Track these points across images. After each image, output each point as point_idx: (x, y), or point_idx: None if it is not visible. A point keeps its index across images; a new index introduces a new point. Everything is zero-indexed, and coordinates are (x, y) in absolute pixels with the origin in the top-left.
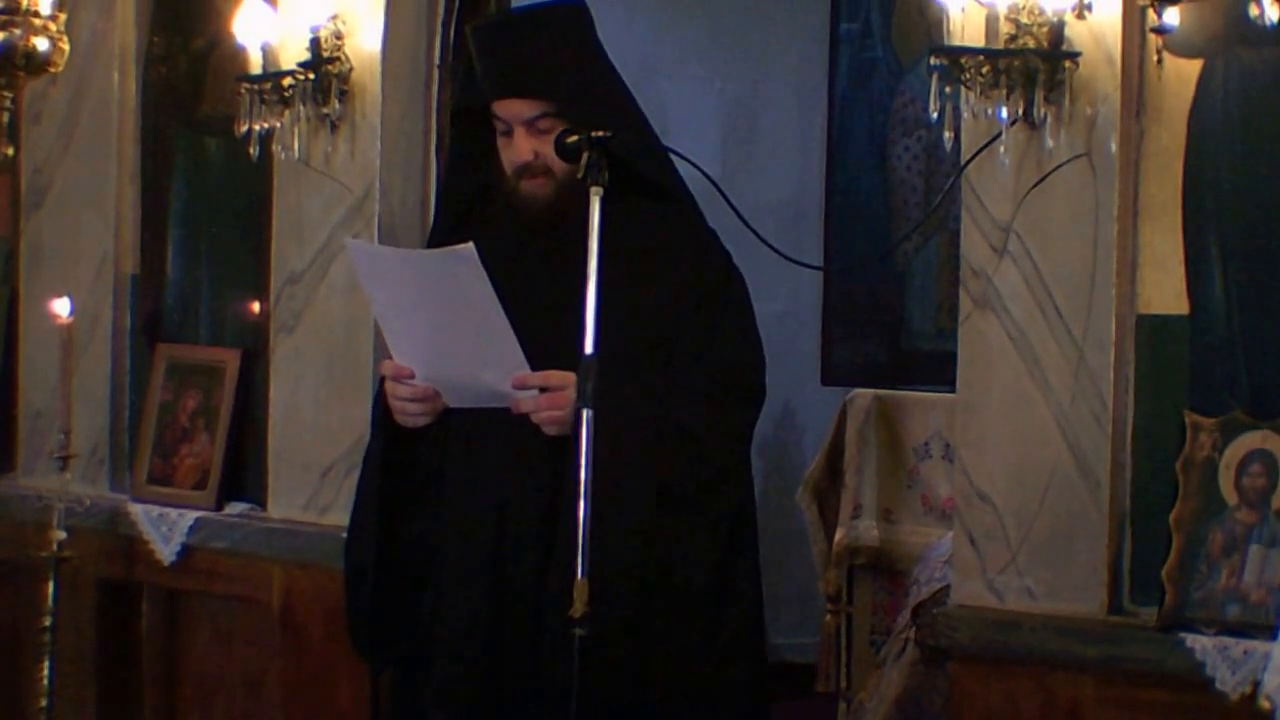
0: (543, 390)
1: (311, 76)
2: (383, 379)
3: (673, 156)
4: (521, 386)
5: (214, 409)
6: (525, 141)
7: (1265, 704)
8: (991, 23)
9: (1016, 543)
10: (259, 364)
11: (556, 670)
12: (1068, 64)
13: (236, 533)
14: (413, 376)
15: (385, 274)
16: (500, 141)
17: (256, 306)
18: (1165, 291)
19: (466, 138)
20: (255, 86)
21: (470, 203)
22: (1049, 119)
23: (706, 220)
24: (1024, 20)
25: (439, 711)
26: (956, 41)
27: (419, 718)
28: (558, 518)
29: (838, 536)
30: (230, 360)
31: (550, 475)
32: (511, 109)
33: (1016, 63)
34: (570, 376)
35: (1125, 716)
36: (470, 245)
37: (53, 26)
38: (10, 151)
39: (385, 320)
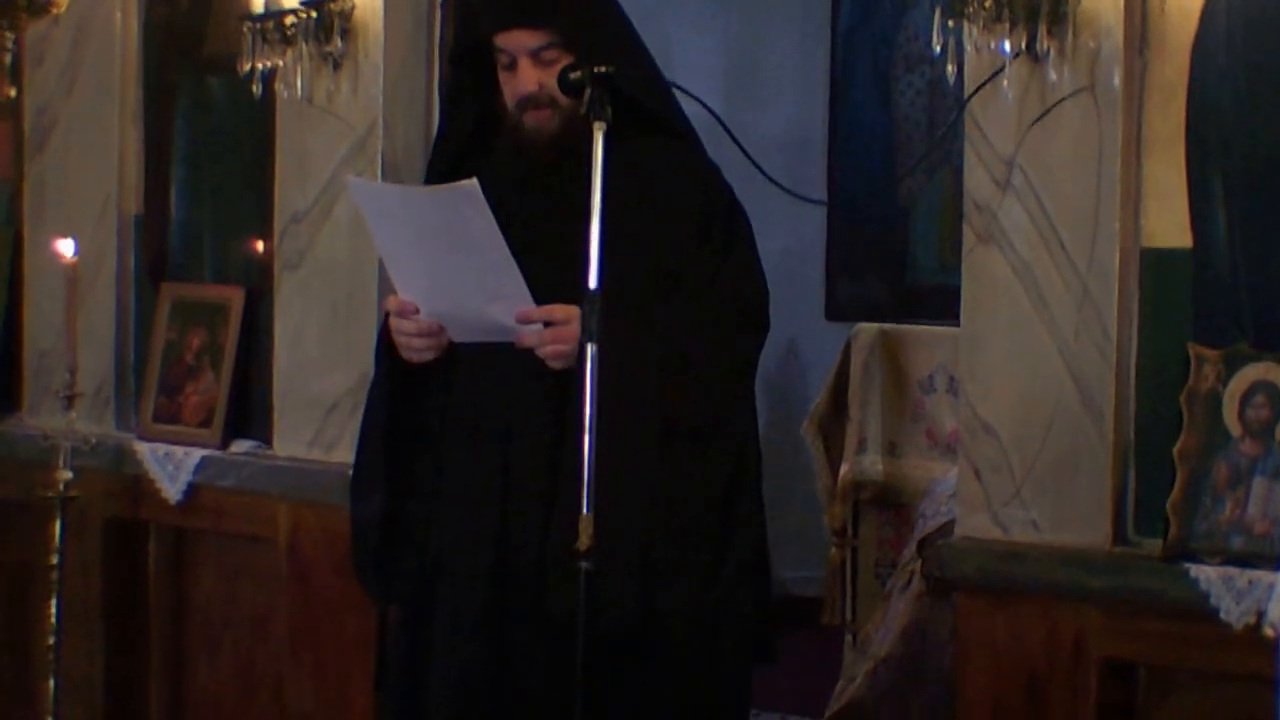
0: (547, 324)
1: (314, 14)
2: (387, 315)
3: (676, 93)
4: (525, 321)
5: (219, 347)
6: (530, 72)
7: (1269, 633)
8: None
9: (1021, 475)
10: (263, 302)
11: (562, 603)
12: None
13: (242, 471)
14: (417, 312)
15: (387, 211)
16: (503, 76)
17: (260, 245)
18: (1169, 224)
19: (463, 77)
20: (258, 25)
21: (469, 140)
22: (1052, 53)
23: (709, 155)
24: None
25: (445, 645)
26: None
27: (425, 653)
28: (562, 451)
29: (842, 470)
30: (235, 298)
31: (554, 409)
32: (516, 40)
33: None
34: (574, 311)
35: (1130, 647)
36: (474, 181)
37: None
38: (13, 93)
39: (388, 256)
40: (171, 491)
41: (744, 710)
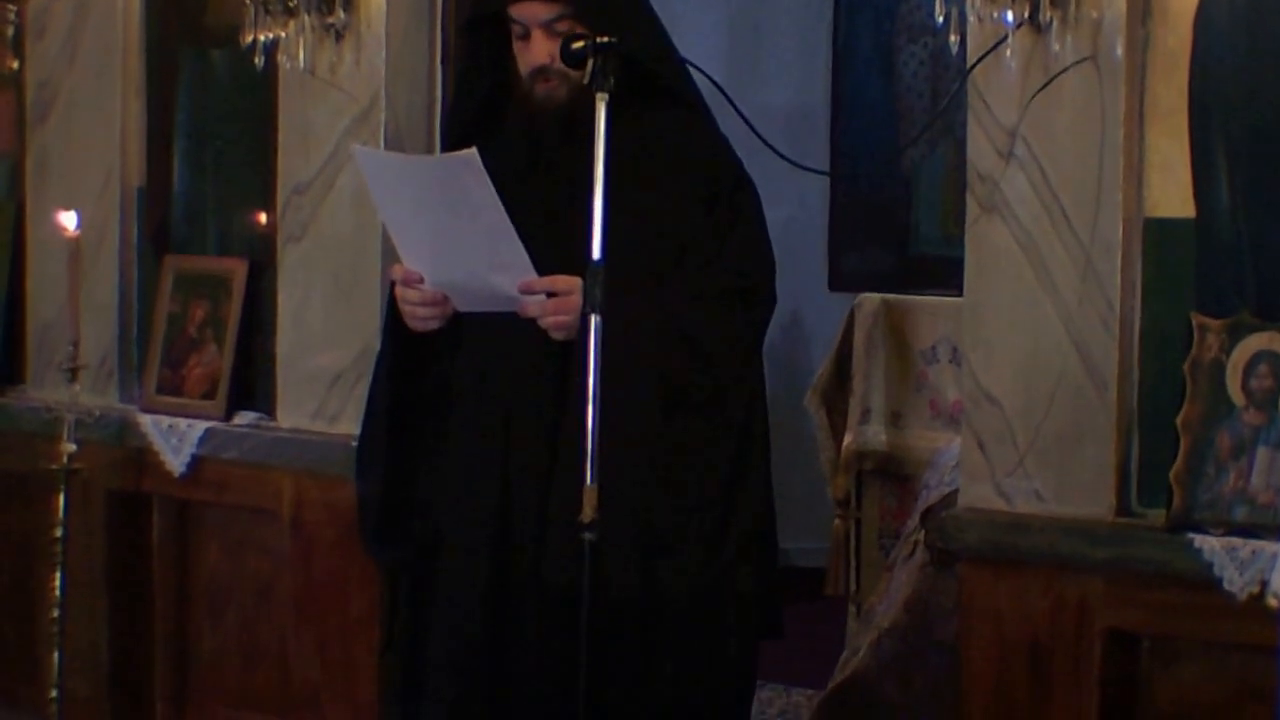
0: (550, 295)
1: None
2: (392, 284)
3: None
4: (528, 291)
5: (222, 319)
6: (542, 44)
7: (1273, 602)
8: None
9: (1024, 445)
10: (267, 274)
11: (563, 575)
12: None
13: (246, 443)
14: (422, 281)
15: (391, 180)
16: (516, 46)
17: (263, 217)
18: (1172, 195)
19: (477, 46)
20: None
21: (482, 110)
22: (1055, 22)
23: (718, 126)
24: None
25: (445, 615)
26: None
27: (427, 622)
28: (564, 422)
29: (846, 441)
30: (238, 270)
31: (557, 380)
32: (529, 11)
33: None
34: (577, 281)
35: (1133, 617)
36: (473, 151)
37: None
38: (15, 65)
39: (393, 226)
40: (175, 463)
41: (749, 683)
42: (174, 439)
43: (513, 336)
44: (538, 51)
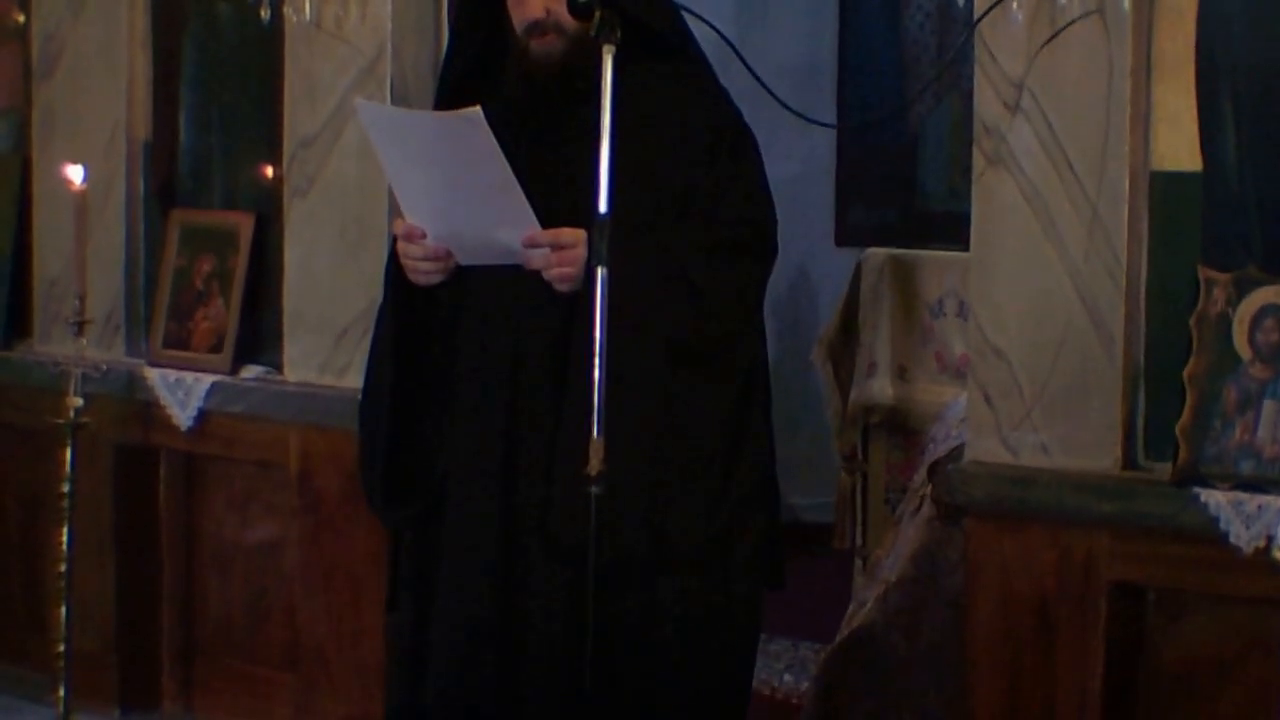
0: (554, 248)
1: None
2: (394, 239)
3: (687, 17)
4: (532, 244)
5: (228, 273)
6: None
7: (1279, 556)
8: None
9: (1031, 399)
10: (273, 227)
11: (569, 528)
12: None
13: (253, 396)
14: (425, 236)
15: (394, 134)
16: (510, 1)
17: (270, 170)
18: (1178, 148)
19: (472, 1)
20: None
21: (477, 64)
22: None
23: (718, 79)
24: None
25: (451, 571)
26: None
27: (433, 578)
28: (568, 375)
29: (853, 395)
30: (244, 224)
31: (561, 332)
32: None
33: None
34: (580, 234)
35: (1140, 571)
36: (478, 109)
37: None
38: (21, 19)
39: (396, 180)
40: (182, 418)
41: (754, 634)
42: (180, 393)
43: (516, 290)
44: (532, 5)
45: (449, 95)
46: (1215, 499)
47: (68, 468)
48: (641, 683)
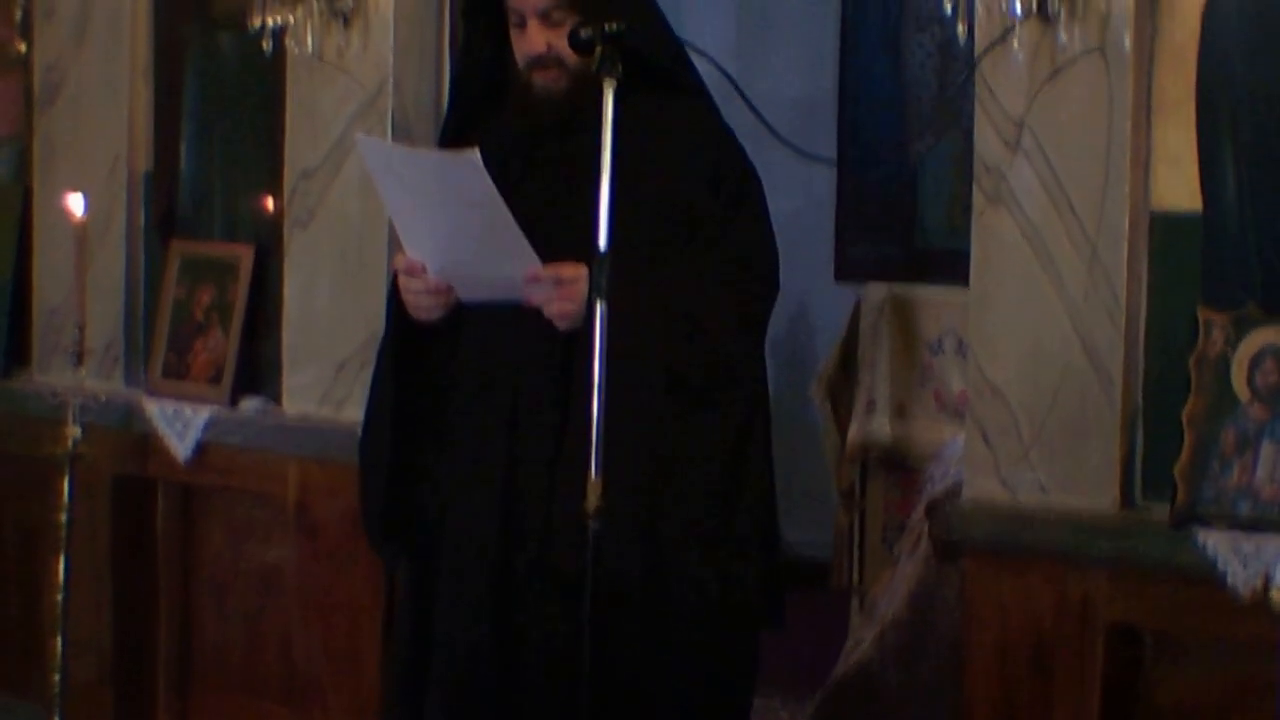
0: (555, 283)
1: None
2: (395, 274)
3: (688, 51)
4: (533, 280)
5: (228, 304)
6: (538, 33)
7: (1276, 598)
8: None
9: (1029, 438)
10: (273, 259)
11: (568, 564)
12: None
13: (251, 429)
14: (425, 271)
15: (394, 171)
16: (513, 34)
17: (270, 202)
18: (1179, 188)
19: (478, 31)
20: None
21: (482, 97)
22: (1063, 13)
23: (721, 114)
24: None
25: (449, 605)
26: None
27: (431, 611)
28: (569, 411)
29: (851, 432)
30: (244, 255)
31: (562, 368)
32: None
33: None
34: (581, 270)
35: (1137, 612)
36: (475, 151)
37: None
38: (23, 48)
39: (397, 215)
40: (180, 449)
41: (751, 673)
42: (179, 424)
43: (517, 325)
44: (534, 40)
45: (456, 125)
46: (1213, 540)
47: (65, 498)
48: (639, 718)
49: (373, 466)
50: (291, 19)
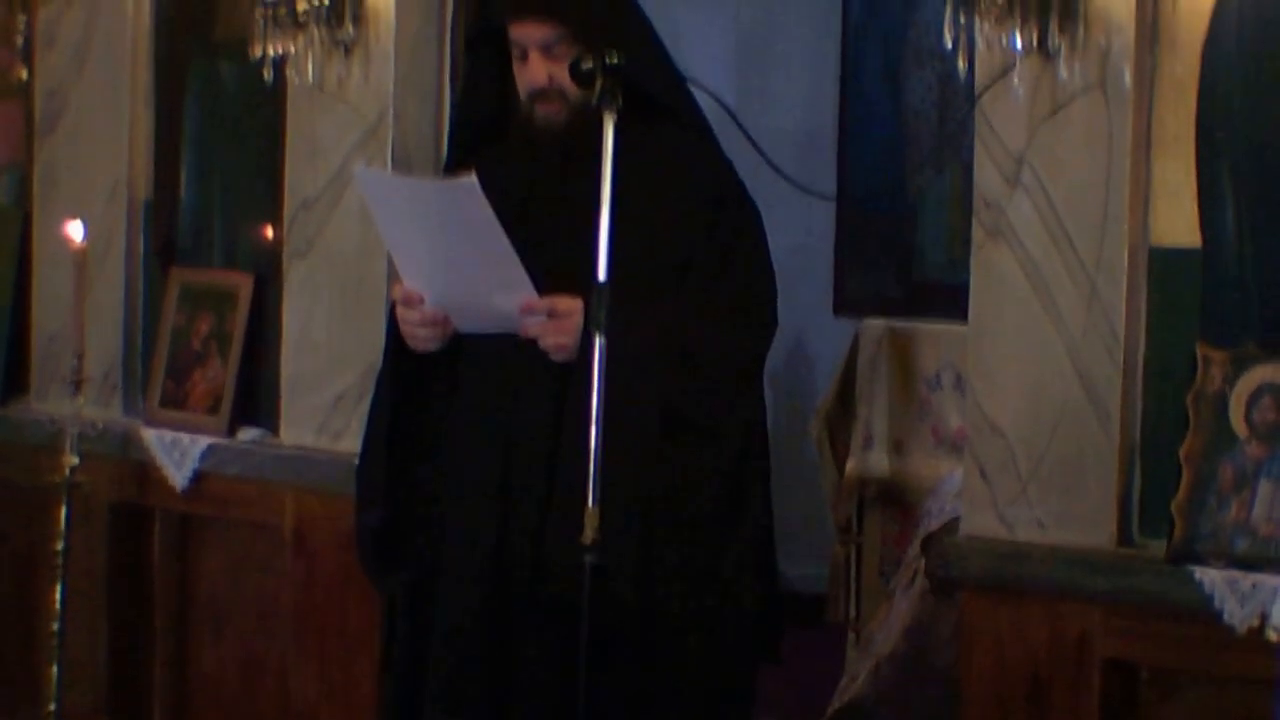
0: (551, 315)
1: (326, 1)
2: (392, 304)
3: (688, 84)
4: (529, 311)
5: (227, 334)
6: (540, 66)
7: (1273, 636)
8: None
9: (1027, 474)
10: (272, 289)
11: (562, 596)
12: None
13: (249, 458)
14: (423, 301)
15: (392, 201)
16: (515, 66)
17: (270, 231)
18: (1178, 224)
19: (481, 62)
20: (270, 10)
21: (484, 128)
22: (1063, 49)
23: (721, 147)
24: None
25: (443, 636)
26: None
27: (427, 641)
28: (564, 443)
29: (848, 467)
30: (243, 285)
31: (557, 400)
32: (527, 32)
33: None
34: (577, 303)
35: (1133, 648)
36: (473, 177)
37: None
38: (24, 75)
39: (394, 246)
40: (177, 478)
41: (746, 707)
42: (176, 453)
43: (513, 357)
44: (535, 73)
45: (459, 155)
46: (1210, 577)
47: (62, 526)
48: None
49: (369, 496)
50: (293, 48)
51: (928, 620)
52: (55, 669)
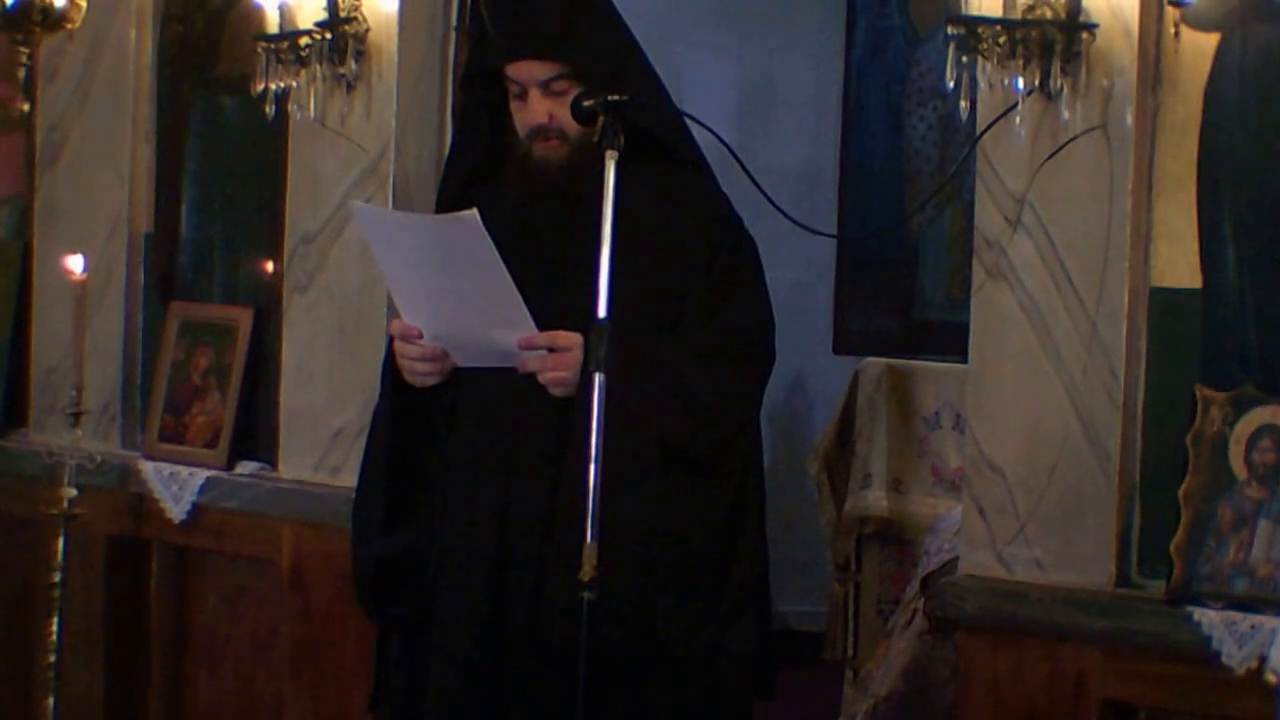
0: (550, 350)
1: (328, 36)
2: (391, 339)
3: (689, 122)
4: (529, 346)
5: (226, 367)
6: (540, 104)
7: (1271, 678)
8: None
9: (1026, 514)
10: (272, 323)
11: (559, 632)
12: (1085, 35)
13: (247, 492)
14: (421, 336)
15: (392, 237)
16: (513, 105)
17: (270, 266)
18: (1178, 265)
19: (476, 102)
20: (272, 46)
21: (479, 166)
22: (1065, 90)
23: (720, 185)
24: None
25: (439, 672)
26: (974, 11)
27: (423, 677)
28: (562, 479)
29: (847, 505)
30: (243, 319)
31: (555, 436)
32: (526, 71)
33: (1034, 33)
34: (577, 338)
35: (1131, 689)
36: (474, 212)
37: None
38: (26, 108)
39: (393, 282)
40: (175, 511)
41: None
42: (175, 487)
43: (512, 392)
44: (535, 111)
45: (451, 196)
46: (1208, 618)
47: (59, 558)
48: None
49: (365, 530)
50: (294, 83)
51: (926, 660)
52: (52, 701)
